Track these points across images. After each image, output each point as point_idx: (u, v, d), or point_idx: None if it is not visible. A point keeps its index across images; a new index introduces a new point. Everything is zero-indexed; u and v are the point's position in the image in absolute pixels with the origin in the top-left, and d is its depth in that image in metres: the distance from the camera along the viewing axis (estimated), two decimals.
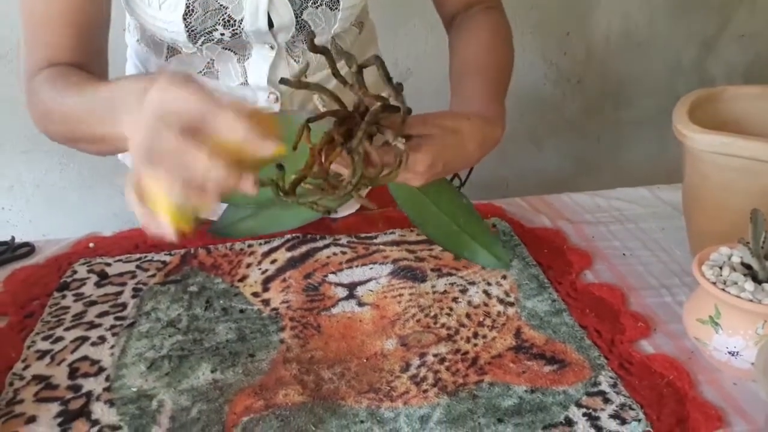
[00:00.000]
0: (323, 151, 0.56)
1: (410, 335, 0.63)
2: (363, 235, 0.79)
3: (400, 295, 0.68)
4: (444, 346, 0.61)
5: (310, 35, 0.55)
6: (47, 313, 0.67)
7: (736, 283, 0.56)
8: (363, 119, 0.55)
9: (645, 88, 1.79)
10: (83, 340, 0.63)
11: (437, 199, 0.73)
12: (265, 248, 0.76)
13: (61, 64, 0.69)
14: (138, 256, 0.76)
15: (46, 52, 0.69)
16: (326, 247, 0.77)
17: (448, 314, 0.65)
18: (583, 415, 0.54)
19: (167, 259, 0.75)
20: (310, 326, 0.64)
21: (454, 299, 0.68)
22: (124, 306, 0.68)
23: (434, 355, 0.60)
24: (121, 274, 0.73)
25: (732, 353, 0.56)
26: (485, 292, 0.69)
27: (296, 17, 0.71)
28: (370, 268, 0.73)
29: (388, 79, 0.56)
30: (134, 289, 0.70)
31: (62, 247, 0.78)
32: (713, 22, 1.76)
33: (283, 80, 0.55)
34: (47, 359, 0.60)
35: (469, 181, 0.82)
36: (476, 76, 0.71)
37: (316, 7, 0.71)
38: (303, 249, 0.76)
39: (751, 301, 0.54)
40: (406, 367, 0.59)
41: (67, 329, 0.64)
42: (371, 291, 0.69)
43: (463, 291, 0.69)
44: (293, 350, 0.61)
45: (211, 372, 0.59)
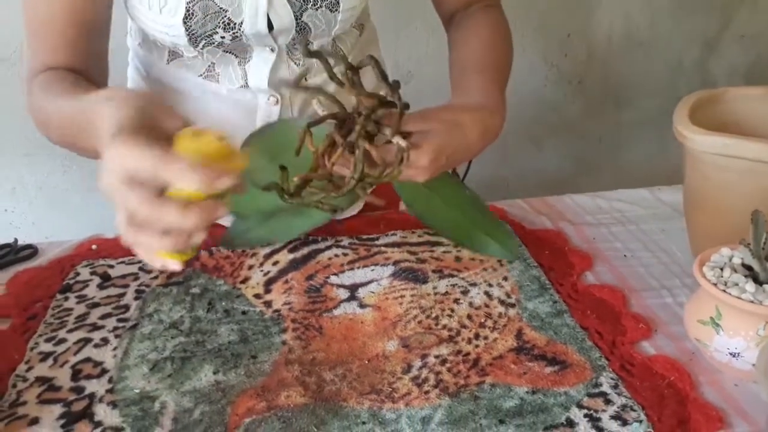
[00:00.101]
0: (326, 153, 0.57)
1: (412, 336, 0.63)
2: (364, 237, 0.79)
3: (402, 297, 0.68)
4: (445, 347, 0.61)
5: (305, 40, 0.55)
6: (50, 315, 0.67)
7: (737, 285, 0.56)
8: (364, 123, 0.55)
9: (646, 89, 1.79)
10: (86, 341, 0.63)
11: (442, 194, 0.73)
12: (267, 250, 0.77)
13: (59, 68, 0.69)
14: (141, 258, 0.76)
15: (46, 56, 0.69)
16: (328, 248, 0.77)
17: (450, 315, 0.66)
18: (585, 416, 0.54)
19: None
20: (312, 328, 0.64)
21: (456, 300, 0.68)
22: (127, 308, 0.68)
23: (436, 357, 0.60)
24: (123, 276, 0.73)
25: (733, 354, 0.56)
26: (486, 294, 0.69)
27: (296, 19, 0.71)
28: (372, 270, 0.73)
29: (383, 77, 0.57)
30: (137, 291, 0.70)
31: (65, 249, 0.78)
32: (715, 22, 1.76)
33: (282, 82, 0.56)
34: (50, 361, 0.61)
35: (471, 182, 0.82)
36: (476, 73, 0.71)
37: (316, 9, 0.72)
38: (305, 251, 0.76)
39: (752, 302, 0.54)
40: (408, 369, 0.59)
41: (70, 331, 0.64)
42: (373, 292, 0.69)
43: (465, 292, 0.69)
44: (295, 352, 0.61)
45: (214, 373, 0.59)
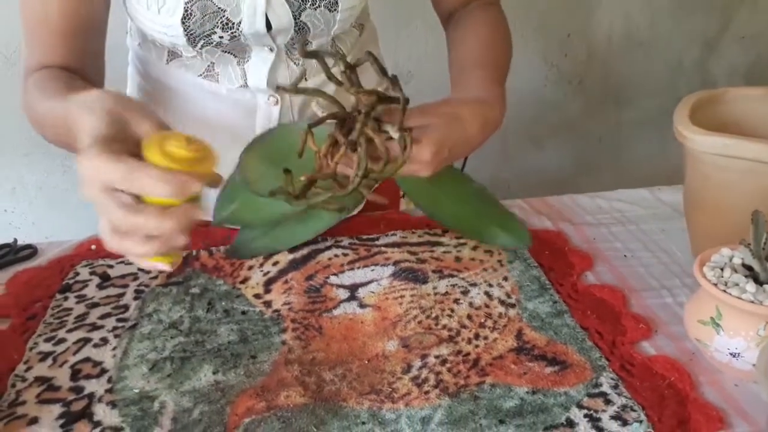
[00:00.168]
0: (328, 153, 0.57)
1: (411, 337, 0.63)
2: (364, 237, 0.79)
3: (402, 297, 0.68)
4: (445, 347, 0.61)
5: (301, 41, 0.55)
6: (49, 314, 0.67)
7: (738, 285, 0.56)
8: (364, 120, 0.55)
9: (646, 89, 1.79)
10: (85, 341, 0.63)
11: (447, 188, 0.73)
12: None
13: (54, 66, 0.69)
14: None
15: (41, 54, 0.69)
16: (328, 248, 0.77)
17: (450, 316, 0.66)
18: (585, 416, 0.54)
19: None
20: (312, 328, 0.64)
21: (456, 301, 0.68)
22: (126, 308, 0.68)
23: (435, 357, 0.60)
24: (123, 276, 0.73)
25: (733, 354, 0.56)
26: (486, 294, 0.69)
27: (295, 19, 0.71)
28: (372, 270, 0.73)
29: (383, 72, 0.57)
30: (136, 291, 0.70)
31: (64, 249, 0.78)
32: (715, 23, 1.76)
33: (280, 88, 0.56)
34: (49, 361, 0.61)
35: None
36: (474, 70, 0.72)
37: (315, 9, 0.71)
38: (304, 251, 0.76)
39: (752, 302, 0.54)
40: (408, 369, 0.59)
41: (70, 331, 0.64)
42: (373, 292, 0.69)
43: (465, 292, 0.69)
44: (295, 352, 0.61)
45: (213, 373, 0.59)
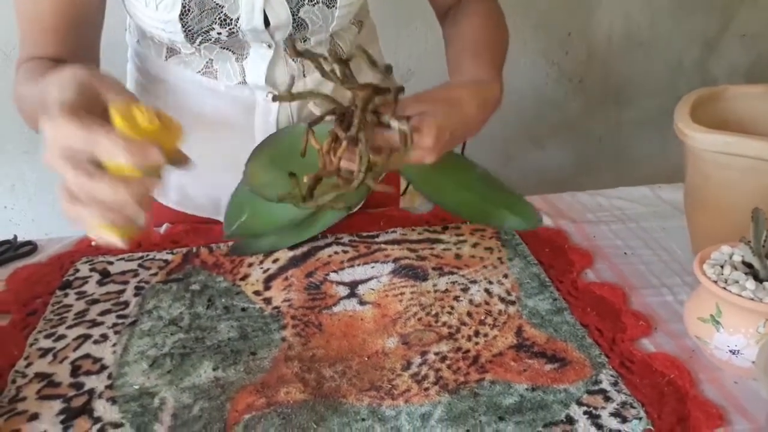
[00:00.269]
0: (330, 150, 0.57)
1: (411, 334, 0.63)
2: (365, 234, 0.79)
3: (402, 294, 0.68)
4: (445, 344, 0.61)
5: (290, 41, 0.55)
6: (50, 311, 0.67)
7: (737, 282, 0.56)
8: (361, 113, 0.56)
9: (646, 88, 1.79)
10: (85, 338, 0.63)
11: (452, 174, 0.73)
12: None
13: (45, 58, 0.68)
14: (140, 254, 0.76)
15: (35, 47, 0.69)
16: (328, 245, 0.77)
17: (450, 313, 0.66)
18: (584, 413, 0.54)
19: (169, 257, 0.76)
20: (312, 324, 0.64)
21: (456, 298, 0.68)
22: (126, 304, 0.68)
23: (435, 354, 0.60)
24: (123, 273, 0.73)
25: (733, 352, 0.56)
26: (486, 291, 0.69)
27: (293, 15, 0.71)
28: (372, 267, 0.73)
29: (373, 63, 0.57)
30: (136, 288, 0.70)
31: (64, 246, 0.78)
32: (715, 22, 1.76)
33: (276, 98, 0.56)
34: (50, 357, 0.61)
35: None
36: (470, 58, 0.72)
37: (313, 5, 0.71)
38: (305, 248, 0.76)
39: (752, 299, 0.54)
40: (408, 366, 0.59)
41: (70, 327, 0.64)
42: (373, 289, 0.69)
43: (465, 290, 0.69)
44: (295, 348, 0.61)
45: (213, 370, 0.59)
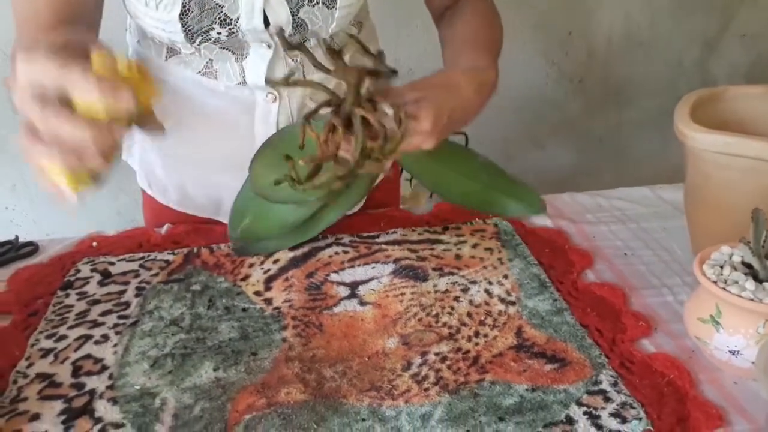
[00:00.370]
0: (328, 139, 0.57)
1: (412, 334, 0.63)
2: (365, 235, 0.79)
3: (402, 294, 0.68)
4: (445, 344, 0.62)
5: (281, 33, 0.55)
6: (51, 311, 0.67)
7: (737, 283, 0.56)
8: (354, 98, 0.56)
9: (647, 89, 1.79)
10: (87, 338, 0.63)
11: (453, 164, 0.73)
12: None
13: None
14: (141, 255, 0.76)
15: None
16: (328, 246, 0.77)
17: (450, 313, 0.66)
18: (584, 413, 0.54)
19: (170, 258, 0.76)
20: (312, 325, 0.64)
21: (456, 298, 0.68)
22: (128, 305, 0.68)
23: (435, 354, 0.60)
24: (124, 273, 0.73)
25: (733, 352, 0.56)
26: (486, 292, 0.69)
27: (293, 15, 0.71)
28: (372, 268, 0.73)
29: (365, 50, 0.57)
30: (137, 288, 0.71)
31: (66, 246, 0.78)
32: (715, 22, 1.76)
33: (272, 81, 0.56)
34: (51, 357, 0.61)
35: None
36: (467, 50, 0.73)
37: (313, 6, 0.71)
38: (305, 248, 0.77)
39: (751, 300, 0.54)
40: (408, 366, 0.59)
41: (71, 328, 0.65)
42: (373, 290, 0.69)
43: (465, 290, 0.69)
44: (295, 349, 0.61)
45: (214, 370, 0.59)
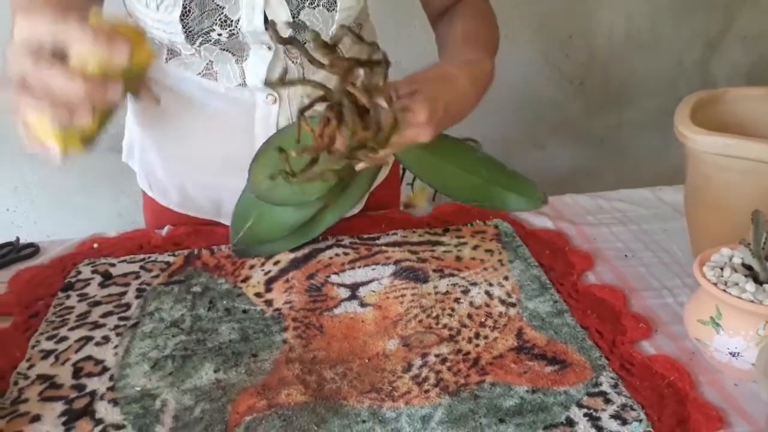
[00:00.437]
0: (323, 133, 0.57)
1: (412, 336, 0.63)
2: (365, 236, 0.79)
3: (402, 296, 0.68)
4: (446, 346, 0.62)
5: (273, 27, 0.54)
6: (51, 313, 0.67)
7: (737, 284, 0.56)
8: (348, 93, 0.56)
9: (647, 90, 1.79)
10: (87, 339, 0.63)
11: (452, 159, 0.72)
12: None
13: None
14: (142, 256, 0.77)
15: None
16: (329, 248, 0.77)
17: (450, 315, 0.66)
18: (584, 415, 0.54)
19: (171, 259, 0.76)
20: (313, 326, 0.65)
21: (456, 300, 0.68)
22: (128, 306, 0.68)
23: (436, 356, 0.60)
24: (125, 275, 0.73)
25: (733, 354, 0.56)
26: (487, 293, 0.69)
27: (293, 17, 0.71)
28: (373, 269, 0.73)
29: (360, 40, 0.57)
30: (138, 290, 0.71)
31: (66, 248, 0.78)
32: (716, 23, 1.76)
33: (267, 82, 0.56)
34: (51, 359, 0.61)
35: None
36: (462, 46, 0.73)
37: (313, 8, 0.71)
38: (306, 250, 0.77)
39: (752, 302, 0.54)
40: (408, 368, 0.59)
41: (72, 329, 0.65)
42: (373, 292, 0.69)
43: (465, 292, 0.69)
44: (296, 350, 0.62)
45: (214, 372, 0.59)
